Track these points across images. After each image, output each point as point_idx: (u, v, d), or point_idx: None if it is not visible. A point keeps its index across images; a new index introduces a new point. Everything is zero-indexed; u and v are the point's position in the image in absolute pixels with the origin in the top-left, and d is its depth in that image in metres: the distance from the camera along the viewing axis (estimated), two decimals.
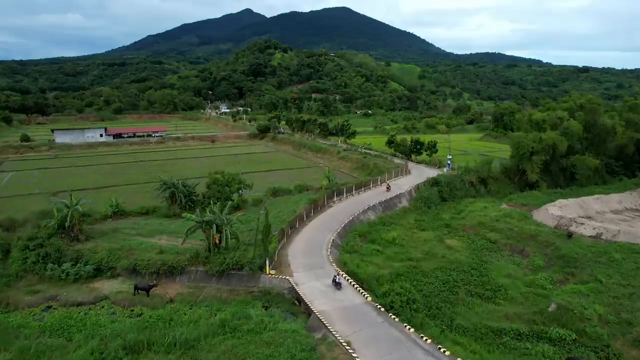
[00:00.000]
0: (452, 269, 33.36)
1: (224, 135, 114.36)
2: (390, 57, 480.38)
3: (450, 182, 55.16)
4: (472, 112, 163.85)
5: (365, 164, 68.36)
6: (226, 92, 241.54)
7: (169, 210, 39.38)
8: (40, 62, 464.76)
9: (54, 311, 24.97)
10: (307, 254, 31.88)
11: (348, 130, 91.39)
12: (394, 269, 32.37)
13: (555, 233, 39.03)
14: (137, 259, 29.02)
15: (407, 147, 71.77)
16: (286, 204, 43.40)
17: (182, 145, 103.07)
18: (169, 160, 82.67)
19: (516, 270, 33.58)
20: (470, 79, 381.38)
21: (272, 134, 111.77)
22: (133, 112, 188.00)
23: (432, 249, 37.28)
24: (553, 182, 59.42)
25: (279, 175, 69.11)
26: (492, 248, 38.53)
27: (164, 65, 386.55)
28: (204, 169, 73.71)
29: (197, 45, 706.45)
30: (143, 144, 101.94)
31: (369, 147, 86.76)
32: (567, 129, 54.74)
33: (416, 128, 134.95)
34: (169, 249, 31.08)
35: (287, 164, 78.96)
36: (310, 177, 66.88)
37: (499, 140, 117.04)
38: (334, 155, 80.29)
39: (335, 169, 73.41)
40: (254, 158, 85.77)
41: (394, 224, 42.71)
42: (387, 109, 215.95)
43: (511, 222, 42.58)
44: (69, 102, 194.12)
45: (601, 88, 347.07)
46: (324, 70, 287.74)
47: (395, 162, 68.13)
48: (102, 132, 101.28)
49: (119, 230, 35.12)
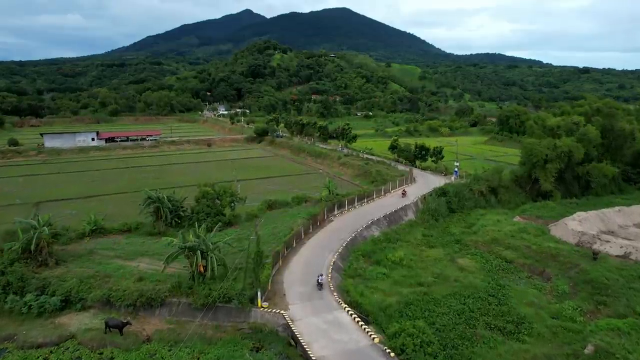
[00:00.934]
0: (467, 296, 29.86)
1: (220, 139, 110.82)
2: (391, 57, 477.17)
3: (459, 191, 51.66)
4: (476, 115, 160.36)
5: (367, 171, 64.82)
6: (225, 93, 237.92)
7: (153, 227, 35.86)
8: (40, 63, 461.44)
9: (8, 356, 21.40)
10: (305, 281, 28.35)
11: (349, 134, 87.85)
12: (403, 297, 28.88)
13: (578, 252, 35.50)
14: (112, 288, 25.49)
15: (411, 153, 68.24)
16: (283, 219, 39.88)
17: (176, 150, 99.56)
18: (163, 166, 79.15)
19: (538, 297, 30.04)
20: (471, 79, 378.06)
21: (270, 138, 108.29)
22: (129, 114, 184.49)
23: (444, 270, 33.77)
24: (567, 191, 55.92)
25: (277, 182, 65.60)
26: (508, 269, 35.03)
27: (163, 66, 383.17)
28: (198, 175, 70.34)
29: (196, 46, 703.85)
30: (136, 148, 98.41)
31: (371, 152, 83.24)
32: (584, 135, 51.26)
33: (418, 131, 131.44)
34: (149, 275, 27.55)
35: (285, 169, 75.44)
36: (309, 184, 63.39)
37: (505, 144, 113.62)
38: (334, 160, 76.76)
39: (335, 175, 69.91)
40: (250, 163, 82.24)
41: (400, 241, 39.21)
42: (388, 111, 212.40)
43: (528, 238, 39.08)
44: (64, 104, 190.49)
45: (602, 89, 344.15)
46: (324, 71, 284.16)
47: (398, 169, 64.61)
48: (93, 136, 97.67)
49: (96, 251, 31.57)
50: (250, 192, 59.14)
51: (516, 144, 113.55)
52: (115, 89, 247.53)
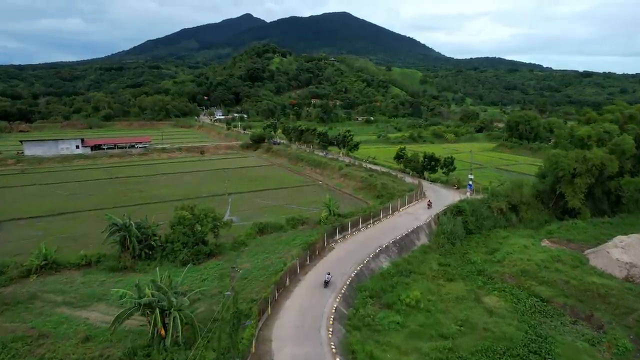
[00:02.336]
0: (501, 352, 23.83)
1: (214, 146, 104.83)
2: (391, 61, 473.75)
3: (476, 209, 45.74)
4: (482, 120, 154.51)
5: (372, 184, 58.86)
6: (222, 97, 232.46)
7: (118, 260, 29.77)
8: (38, 67, 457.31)
9: None
10: (300, 338, 22.29)
11: (350, 142, 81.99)
12: (422, 356, 22.89)
13: (630, 290, 29.47)
14: (45, 357, 19.35)
15: (419, 164, 62.28)
16: (275, 247, 33.89)
17: (167, 158, 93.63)
18: (150, 177, 73.17)
19: (593, 355, 23.97)
20: (472, 83, 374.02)
21: (267, 144, 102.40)
22: (123, 119, 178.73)
23: (469, 315, 27.72)
24: (595, 208, 49.93)
25: (272, 196, 59.62)
26: (546, 311, 28.96)
27: (162, 70, 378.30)
28: (187, 187, 64.49)
29: (196, 50, 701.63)
30: (124, 156, 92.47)
31: (374, 161, 77.37)
32: (617, 145, 45.37)
33: (422, 137, 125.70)
34: (99, 332, 21.52)
35: (281, 181, 69.49)
36: (307, 198, 57.45)
37: (515, 151, 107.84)
38: (334, 171, 70.79)
39: (336, 188, 63.98)
40: (244, 173, 76.27)
41: (414, 273, 33.19)
42: (390, 115, 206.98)
43: (564, 270, 33.08)
44: (56, 109, 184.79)
45: (605, 93, 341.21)
46: (323, 75, 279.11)
47: (406, 182, 58.67)
48: (78, 144, 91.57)
49: (40, 295, 25.52)
50: (241, 207, 53.26)
51: (527, 151, 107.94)
52: (111, 93, 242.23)
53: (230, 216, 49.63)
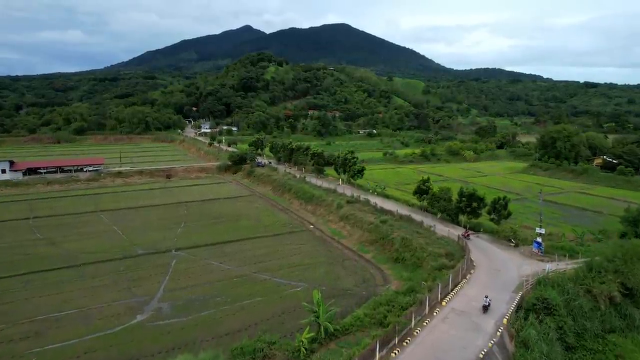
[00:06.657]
0: None
1: (184, 169, 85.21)
2: (390, 72, 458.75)
3: (569, 301, 26.65)
4: (502, 134, 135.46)
5: (386, 237, 39.56)
6: (212, 108, 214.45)
7: None
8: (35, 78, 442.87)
9: None
10: None
11: (353, 167, 62.97)
12: None
13: None
14: None
15: (453, 205, 43.02)
16: None
17: (121, 184, 74.42)
18: (81, 216, 53.85)
19: None
20: (475, 94, 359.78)
21: (249, 167, 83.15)
22: (98, 133, 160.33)
23: None
24: None
25: (240, 252, 40.07)
26: None
27: (157, 80, 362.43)
28: (120, 239, 44.22)
29: (196, 61, 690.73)
30: (69, 182, 73.23)
31: (385, 192, 58.28)
32: None
33: (436, 155, 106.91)
34: None
35: (258, 225, 50.05)
36: (290, 259, 37.88)
37: (552, 174, 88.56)
38: (331, 210, 51.34)
39: (333, 238, 44.59)
40: (211, 210, 56.80)
41: None
42: (394, 128, 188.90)
43: None
44: (22, 121, 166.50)
45: (611, 104, 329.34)
46: (322, 85, 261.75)
47: (436, 233, 39.41)
48: (5, 167, 72.25)
49: None
50: (185, 279, 33.29)
51: (568, 173, 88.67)
52: (98, 104, 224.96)
53: (158, 303, 30.27)
